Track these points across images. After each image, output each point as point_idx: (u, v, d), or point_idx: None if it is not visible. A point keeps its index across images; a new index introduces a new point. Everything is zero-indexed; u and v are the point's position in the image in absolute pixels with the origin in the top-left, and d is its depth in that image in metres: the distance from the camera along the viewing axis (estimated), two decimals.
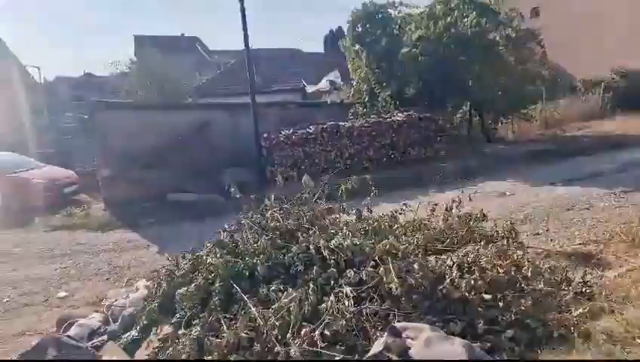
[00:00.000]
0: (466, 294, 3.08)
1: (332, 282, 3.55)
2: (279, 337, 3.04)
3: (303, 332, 3.01)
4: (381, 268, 3.34)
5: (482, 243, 4.10)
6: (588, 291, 3.69)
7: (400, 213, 5.31)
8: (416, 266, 3.37)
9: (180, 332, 3.33)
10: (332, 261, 3.69)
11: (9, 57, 30.85)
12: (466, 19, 12.11)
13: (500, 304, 3.03)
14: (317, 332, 3.00)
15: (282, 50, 32.36)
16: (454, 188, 9.46)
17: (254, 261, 3.82)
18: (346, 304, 3.26)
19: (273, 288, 3.54)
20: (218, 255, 3.95)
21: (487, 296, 3.07)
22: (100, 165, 9.99)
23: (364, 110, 13.07)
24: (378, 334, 3.02)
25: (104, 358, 3.43)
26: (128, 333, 3.71)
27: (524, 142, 13.55)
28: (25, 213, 10.11)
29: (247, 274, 3.79)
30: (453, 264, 3.39)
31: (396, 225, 4.47)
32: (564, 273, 4.19)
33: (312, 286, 3.47)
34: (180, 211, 9.08)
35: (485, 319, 3.00)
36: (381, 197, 9.13)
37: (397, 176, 10.49)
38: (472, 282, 3.11)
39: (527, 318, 3.00)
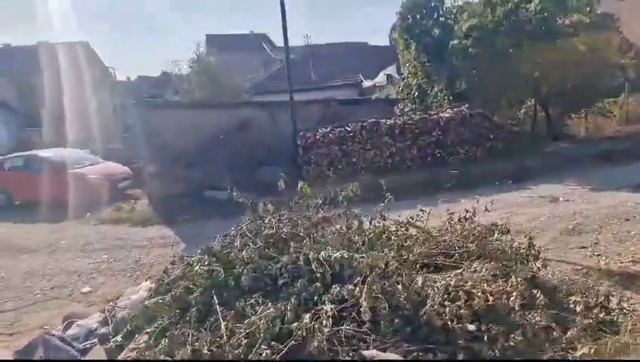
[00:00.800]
0: (449, 322, 2.65)
1: (316, 297, 3.27)
2: (242, 356, 2.84)
3: (264, 354, 2.78)
4: (357, 289, 2.99)
5: (489, 261, 3.57)
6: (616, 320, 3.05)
7: (416, 220, 4.84)
8: (400, 287, 2.98)
9: (152, 342, 3.25)
10: (319, 274, 3.42)
11: (94, 59, 33.85)
12: (529, 5, 11.01)
13: (485, 336, 2.56)
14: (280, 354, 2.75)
15: (344, 45, 32.06)
16: (503, 191, 8.69)
17: (241, 270, 3.65)
18: (324, 323, 2.97)
19: (251, 301, 3.33)
20: (206, 263, 3.82)
21: (471, 327, 2.60)
22: (146, 162, 10.46)
23: (413, 106, 12.44)
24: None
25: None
26: (114, 338, 3.70)
27: (598, 140, 12.07)
28: (82, 206, 10.87)
29: (232, 284, 3.62)
30: (442, 286, 2.95)
31: (395, 237, 4.04)
32: (596, 297, 3.56)
33: (293, 301, 3.22)
34: (214, 208, 9.21)
35: (468, 352, 2.56)
36: (415, 200, 8.75)
37: (440, 176, 9.81)
38: (455, 310, 2.66)
39: (518, 355, 2.51)
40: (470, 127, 10.64)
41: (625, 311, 3.70)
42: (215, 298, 3.45)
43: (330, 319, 3.00)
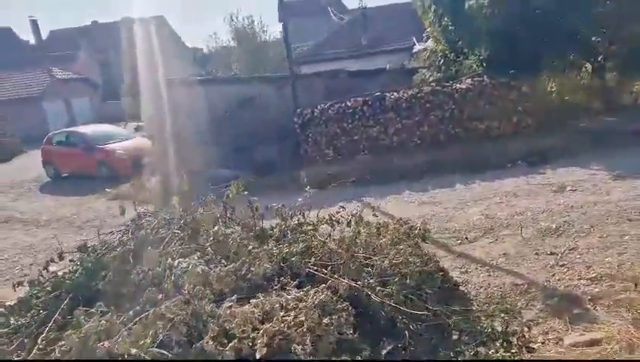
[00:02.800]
0: None
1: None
2: None
3: None
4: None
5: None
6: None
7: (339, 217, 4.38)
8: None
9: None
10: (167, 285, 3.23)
11: (172, 35, 35.41)
12: None
13: None
14: None
15: (397, 6, 29.94)
16: (511, 175, 7.69)
17: (105, 274, 3.58)
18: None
19: (92, 310, 3.25)
20: (78, 263, 3.82)
21: None
22: (156, 140, 10.83)
23: (438, 75, 11.28)
24: None
25: None
26: None
27: None
28: (110, 180, 11.67)
29: (97, 287, 3.57)
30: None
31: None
32: (506, 325, 3.06)
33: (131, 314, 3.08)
34: (210, 188, 9.29)
35: None
36: (410, 184, 8.04)
37: (447, 157, 8.88)
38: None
39: None
40: (491, 100, 9.38)
41: (530, 349, 3.07)
42: (67, 301, 3.43)
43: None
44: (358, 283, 3.18)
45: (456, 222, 6.04)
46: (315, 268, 3.45)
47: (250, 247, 3.49)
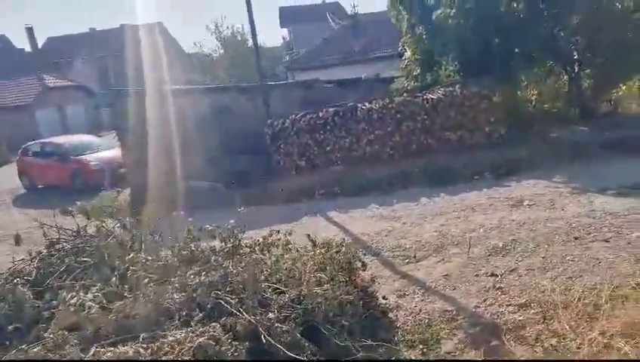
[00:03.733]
0: None
1: None
2: None
3: None
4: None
5: None
6: None
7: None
8: None
9: None
10: None
11: (169, 39, 35.45)
12: None
13: None
14: None
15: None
16: (475, 188, 7.59)
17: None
18: None
19: None
20: None
21: None
22: (125, 152, 10.77)
23: (415, 84, 11.20)
24: None
25: None
26: None
27: (624, 121, 9.86)
28: (87, 192, 11.60)
29: None
30: None
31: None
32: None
33: None
34: (185, 200, 9.14)
35: None
36: (377, 196, 7.92)
37: (419, 168, 8.78)
38: None
39: None
40: (462, 110, 9.28)
41: None
42: None
43: None
44: (257, 318, 3.05)
45: (410, 238, 5.93)
46: (226, 299, 3.32)
47: (156, 277, 3.40)
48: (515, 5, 9.07)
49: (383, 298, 4.30)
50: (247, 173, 9.75)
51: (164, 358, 2.61)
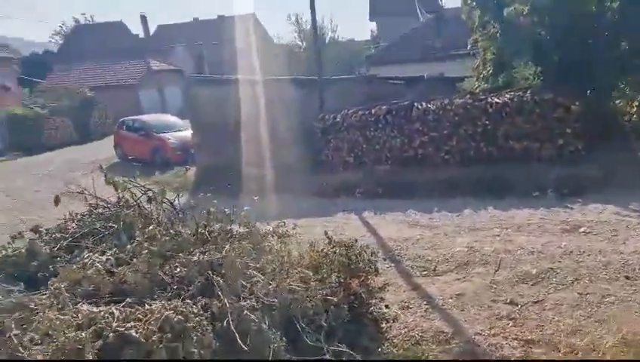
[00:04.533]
0: None
1: None
2: None
3: None
4: None
5: None
6: None
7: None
8: None
9: None
10: None
11: (260, 30, 37.17)
12: None
13: None
14: None
15: None
16: (531, 205, 6.88)
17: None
18: None
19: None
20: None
21: None
22: (194, 133, 11.45)
23: (485, 85, 10.38)
24: None
25: None
26: None
27: None
28: (163, 166, 12.67)
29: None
30: None
31: None
32: None
33: None
34: (241, 184, 9.45)
35: None
36: (419, 202, 7.51)
37: (473, 176, 8.16)
38: None
39: None
40: (532, 118, 8.40)
41: None
42: None
43: None
44: (230, 303, 3.08)
45: (436, 250, 5.58)
46: (217, 280, 3.39)
47: (164, 251, 3.57)
48: (608, 4, 7.91)
49: (386, 306, 4.10)
50: (288, 166, 9.82)
51: (130, 324, 2.75)
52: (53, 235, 4.29)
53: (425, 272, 5.00)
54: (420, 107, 8.93)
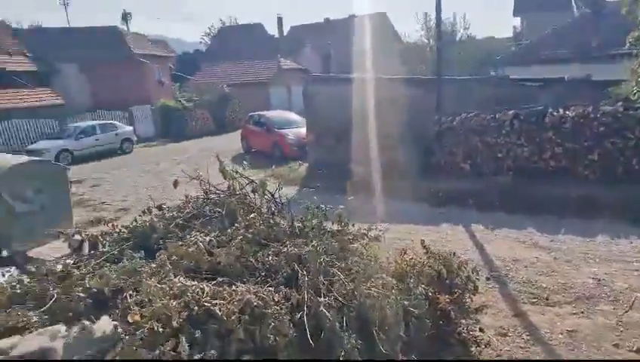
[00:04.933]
0: None
1: None
2: None
3: None
4: None
5: None
6: None
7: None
8: None
9: None
10: None
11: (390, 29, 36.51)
12: None
13: None
14: None
15: None
16: None
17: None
18: None
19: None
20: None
21: None
22: (308, 130, 11.83)
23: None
24: None
25: None
26: None
27: None
28: (281, 160, 13.45)
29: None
30: None
31: None
32: None
33: None
34: (341, 183, 9.57)
35: None
36: (537, 222, 6.64)
37: (618, 198, 6.93)
38: None
39: None
40: None
41: None
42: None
43: None
44: (308, 297, 3.10)
45: (553, 277, 4.88)
46: (302, 273, 3.48)
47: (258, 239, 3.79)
48: None
49: (480, 329, 3.75)
50: (396, 167, 9.51)
51: (216, 301, 2.97)
52: (172, 213, 4.86)
53: (534, 300, 4.41)
54: (555, 113, 7.90)
